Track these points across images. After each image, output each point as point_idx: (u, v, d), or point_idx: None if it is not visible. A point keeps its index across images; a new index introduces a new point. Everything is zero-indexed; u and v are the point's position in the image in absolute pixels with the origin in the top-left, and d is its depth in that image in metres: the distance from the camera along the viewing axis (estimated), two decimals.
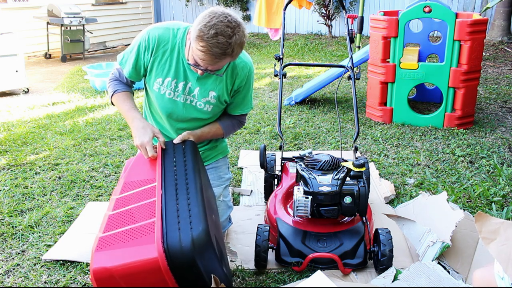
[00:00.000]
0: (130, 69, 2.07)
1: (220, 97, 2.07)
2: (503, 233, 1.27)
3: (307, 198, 1.98)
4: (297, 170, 2.12)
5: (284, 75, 2.84)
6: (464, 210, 2.49)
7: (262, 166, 2.61)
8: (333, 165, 2.07)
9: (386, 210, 2.56)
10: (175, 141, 1.97)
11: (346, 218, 2.13)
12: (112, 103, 2.16)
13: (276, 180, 2.66)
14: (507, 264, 1.20)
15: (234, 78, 2.06)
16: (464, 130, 3.85)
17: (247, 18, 10.65)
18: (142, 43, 2.02)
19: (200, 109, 2.09)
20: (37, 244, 2.28)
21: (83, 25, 7.92)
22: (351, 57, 2.88)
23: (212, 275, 1.47)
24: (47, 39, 8.21)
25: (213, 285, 1.82)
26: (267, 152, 2.75)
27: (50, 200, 2.76)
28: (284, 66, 2.86)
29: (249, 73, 2.10)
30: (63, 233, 2.37)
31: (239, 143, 3.72)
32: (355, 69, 2.83)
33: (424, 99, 4.84)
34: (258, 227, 2.04)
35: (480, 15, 3.98)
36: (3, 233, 2.39)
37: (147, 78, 2.12)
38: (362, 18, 6.59)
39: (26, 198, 2.78)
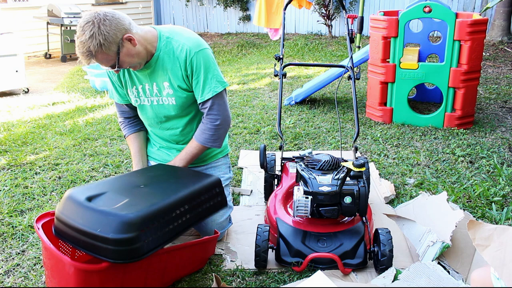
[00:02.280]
0: (117, 95, 2.27)
1: (174, 84, 2.08)
2: (497, 239, 1.28)
3: (307, 198, 1.98)
4: (297, 170, 2.12)
5: (284, 75, 2.84)
6: (464, 210, 2.49)
7: (262, 166, 2.61)
8: (333, 165, 2.07)
9: (386, 210, 2.56)
10: None
11: (346, 218, 2.13)
12: None
13: (276, 180, 2.66)
14: (502, 270, 1.20)
15: (177, 62, 2.06)
16: (464, 130, 3.85)
17: (247, 18, 10.65)
18: (108, 72, 2.20)
19: (166, 105, 2.15)
20: (37, 244, 2.28)
21: None
22: (351, 57, 2.88)
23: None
24: (47, 39, 8.21)
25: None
26: (267, 152, 2.75)
27: (50, 200, 2.76)
28: (284, 66, 2.86)
29: (190, 55, 2.04)
30: None
31: (239, 143, 3.72)
32: (355, 69, 2.83)
33: (424, 99, 4.84)
34: (258, 227, 2.04)
35: (480, 15, 3.98)
36: (3, 233, 2.39)
37: None
38: (362, 18, 6.59)
39: (26, 198, 2.78)
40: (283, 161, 2.67)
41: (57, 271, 1.58)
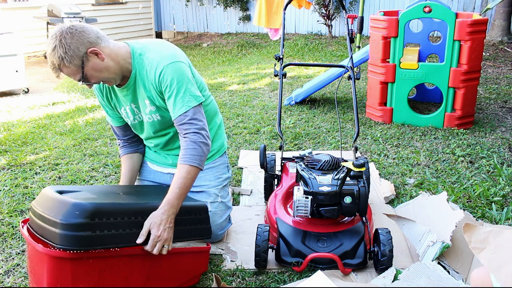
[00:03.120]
0: (110, 119, 2.27)
1: (153, 100, 2.04)
2: (492, 241, 1.28)
3: (307, 198, 1.98)
4: (297, 170, 2.12)
5: (284, 75, 2.84)
6: (464, 210, 2.49)
7: (262, 166, 2.61)
8: (333, 165, 2.06)
9: (386, 210, 2.56)
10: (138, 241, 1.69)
11: (346, 218, 2.13)
12: None
13: (276, 180, 2.66)
14: (499, 272, 1.21)
15: (150, 78, 1.99)
16: (464, 130, 3.85)
17: (247, 18, 10.66)
18: (96, 94, 2.22)
19: (151, 122, 2.13)
20: None
21: None
22: (351, 57, 2.88)
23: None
24: (47, 39, 8.21)
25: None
26: (267, 152, 2.75)
27: None
28: (284, 66, 2.86)
29: (160, 69, 1.95)
30: None
31: (239, 143, 3.72)
32: (355, 69, 2.83)
33: (424, 99, 4.84)
34: (258, 227, 2.04)
35: (480, 15, 3.98)
36: (3, 233, 2.39)
37: None
38: (362, 18, 6.59)
39: (26, 198, 2.78)
40: (283, 161, 2.67)
41: (35, 262, 1.56)
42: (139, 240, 1.64)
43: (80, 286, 1.52)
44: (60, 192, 1.58)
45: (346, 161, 2.25)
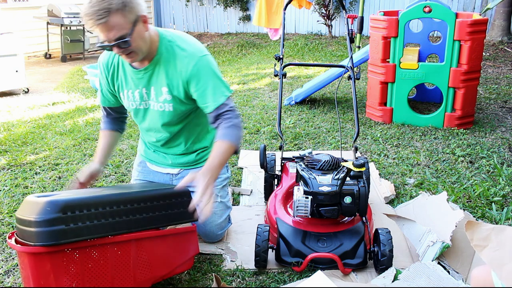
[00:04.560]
0: (101, 97, 2.24)
1: (172, 90, 2.02)
2: (495, 238, 1.27)
3: (307, 198, 1.98)
4: (297, 170, 2.12)
5: (284, 75, 2.84)
6: (464, 210, 2.49)
7: (262, 166, 2.61)
8: (333, 165, 2.06)
9: (386, 210, 2.56)
10: (176, 189, 1.86)
11: (346, 218, 2.13)
12: None
13: (276, 180, 2.66)
14: (500, 270, 1.20)
15: (180, 68, 1.98)
16: (464, 130, 3.85)
17: (247, 18, 10.65)
18: (98, 72, 2.18)
19: (161, 112, 2.09)
20: None
21: (83, 25, 7.91)
22: (351, 57, 2.88)
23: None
24: (47, 39, 8.21)
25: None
26: (267, 152, 2.75)
27: None
28: (284, 66, 2.86)
29: (194, 61, 1.96)
30: None
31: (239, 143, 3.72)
32: (355, 69, 2.83)
33: (424, 99, 4.84)
34: (258, 227, 2.04)
35: (480, 15, 3.98)
36: (3, 233, 2.39)
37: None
38: (362, 18, 6.59)
39: None
40: (283, 161, 2.67)
41: (22, 265, 1.60)
42: (178, 188, 1.80)
43: (63, 279, 1.53)
44: (39, 196, 1.60)
45: (346, 161, 2.25)
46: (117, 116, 2.31)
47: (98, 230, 1.61)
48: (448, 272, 1.97)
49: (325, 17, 9.35)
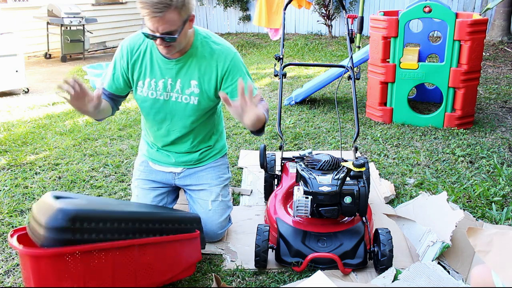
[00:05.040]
0: (110, 80, 2.17)
1: (202, 85, 2.06)
2: (497, 243, 1.28)
3: (307, 198, 1.98)
4: (297, 170, 2.12)
5: (284, 75, 2.84)
6: (464, 210, 2.49)
7: (262, 166, 2.61)
8: (333, 165, 2.07)
9: (386, 210, 2.56)
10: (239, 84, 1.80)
11: (346, 218, 2.13)
12: None
13: (276, 180, 2.66)
14: (504, 273, 1.20)
15: (215, 63, 2.04)
16: (464, 130, 3.85)
17: (247, 18, 10.66)
18: (118, 54, 2.14)
19: (185, 104, 2.10)
20: None
21: (83, 25, 7.92)
22: (351, 57, 2.88)
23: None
24: (47, 39, 8.21)
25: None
26: (267, 152, 2.75)
27: None
28: (284, 66, 2.86)
29: (231, 56, 2.06)
30: None
31: (239, 143, 3.72)
32: (355, 69, 2.83)
33: (424, 99, 4.84)
34: (258, 227, 2.04)
35: (480, 15, 3.98)
36: (3, 233, 2.39)
37: (133, 89, 2.18)
38: (362, 18, 6.59)
39: (26, 198, 2.78)
40: (283, 161, 2.67)
41: (23, 266, 1.60)
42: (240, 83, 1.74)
43: (65, 282, 1.54)
44: (57, 197, 1.60)
45: (346, 161, 2.25)
46: (114, 100, 2.23)
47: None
48: (448, 272, 1.97)
49: (325, 17, 9.35)
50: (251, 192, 2.86)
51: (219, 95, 2.08)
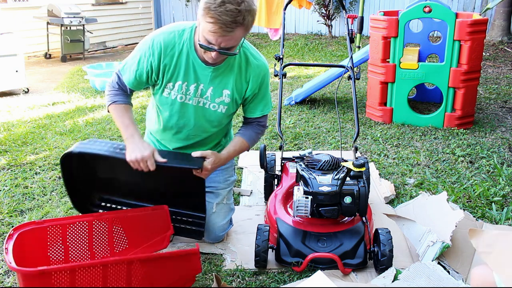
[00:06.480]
0: (132, 77, 2.02)
1: (233, 94, 2.06)
2: (499, 244, 1.28)
3: (307, 198, 1.98)
4: (297, 170, 2.12)
5: (284, 75, 2.84)
6: (464, 210, 2.49)
7: (262, 166, 2.61)
8: (333, 165, 2.07)
9: (386, 210, 2.56)
10: (193, 154, 2.00)
11: (346, 218, 2.13)
12: (108, 111, 2.11)
13: (276, 180, 2.66)
14: (506, 275, 1.20)
15: (248, 76, 2.05)
16: (464, 130, 3.85)
17: None
18: (146, 50, 1.97)
19: (213, 111, 2.08)
20: None
21: (83, 25, 7.91)
22: (351, 57, 2.88)
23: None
24: (47, 39, 8.20)
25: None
26: (267, 152, 2.75)
27: (50, 200, 2.76)
28: (284, 66, 2.86)
29: (264, 72, 2.11)
30: None
31: None
32: (355, 69, 2.83)
33: (424, 99, 4.84)
34: (258, 227, 2.04)
35: (480, 15, 3.98)
36: (3, 233, 2.39)
37: (155, 88, 2.07)
38: (362, 18, 6.59)
39: (26, 198, 2.78)
40: (283, 161, 2.67)
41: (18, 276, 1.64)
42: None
43: None
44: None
45: (346, 161, 2.25)
46: (129, 93, 2.13)
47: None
48: (448, 272, 1.97)
49: (325, 17, 9.35)
50: (251, 192, 2.86)
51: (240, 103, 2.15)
